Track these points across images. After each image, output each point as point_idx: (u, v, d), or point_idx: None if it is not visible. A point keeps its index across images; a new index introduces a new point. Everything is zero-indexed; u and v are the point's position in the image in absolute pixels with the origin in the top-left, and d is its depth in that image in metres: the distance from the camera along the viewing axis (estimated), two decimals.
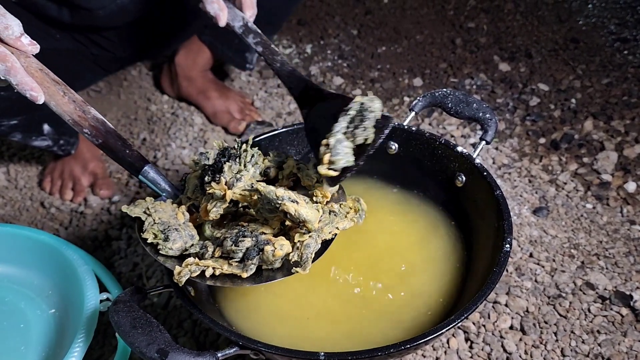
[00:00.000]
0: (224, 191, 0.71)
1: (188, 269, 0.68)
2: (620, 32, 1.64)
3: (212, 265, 0.69)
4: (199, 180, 0.76)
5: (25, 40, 0.67)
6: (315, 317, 0.81)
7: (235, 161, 0.74)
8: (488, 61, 1.57)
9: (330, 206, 0.76)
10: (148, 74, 1.56)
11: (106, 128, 0.70)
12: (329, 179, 0.71)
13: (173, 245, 0.71)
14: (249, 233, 0.70)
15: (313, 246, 0.69)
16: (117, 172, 1.30)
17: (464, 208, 0.88)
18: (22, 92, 0.65)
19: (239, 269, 0.69)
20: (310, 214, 0.68)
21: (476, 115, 0.87)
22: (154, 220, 0.72)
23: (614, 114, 1.35)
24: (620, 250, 1.04)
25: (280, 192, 0.68)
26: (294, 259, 0.69)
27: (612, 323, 0.93)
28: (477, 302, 0.66)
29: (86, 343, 0.77)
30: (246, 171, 0.74)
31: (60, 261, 0.92)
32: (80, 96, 0.70)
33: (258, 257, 0.69)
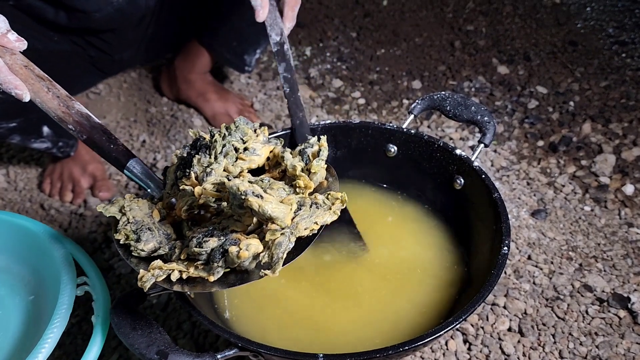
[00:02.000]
0: (194, 186, 0.67)
1: (151, 274, 0.64)
2: (618, 35, 1.64)
3: (177, 269, 0.64)
4: (174, 174, 0.72)
5: (11, 36, 0.66)
6: (314, 319, 0.81)
7: (205, 153, 0.69)
8: (487, 64, 1.58)
9: (314, 197, 0.69)
10: (148, 76, 1.57)
11: (91, 123, 0.68)
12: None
13: (145, 246, 0.67)
14: (218, 232, 0.64)
15: (285, 245, 0.62)
16: (116, 174, 1.31)
17: (463, 210, 0.88)
18: (7, 90, 0.64)
19: (205, 272, 0.64)
20: (277, 210, 0.62)
21: (474, 118, 0.88)
22: (128, 220, 0.69)
23: (612, 116, 1.36)
24: (618, 253, 1.05)
25: (243, 187, 0.62)
26: (264, 259, 0.63)
27: (609, 325, 0.93)
28: (476, 304, 0.67)
29: (61, 328, 0.74)
30: (217, 164, 0.68)
31: (39, 246, 0.89)
32: (64, 91, 0.69)
33: (223, 259, 0.63)
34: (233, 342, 0.66)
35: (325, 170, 0.73)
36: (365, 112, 1.45)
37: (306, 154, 0.72)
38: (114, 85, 1.54)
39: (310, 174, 0.71)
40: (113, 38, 1.19)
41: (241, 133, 0.71)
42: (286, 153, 0.72)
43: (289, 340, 0.79)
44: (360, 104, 1.48)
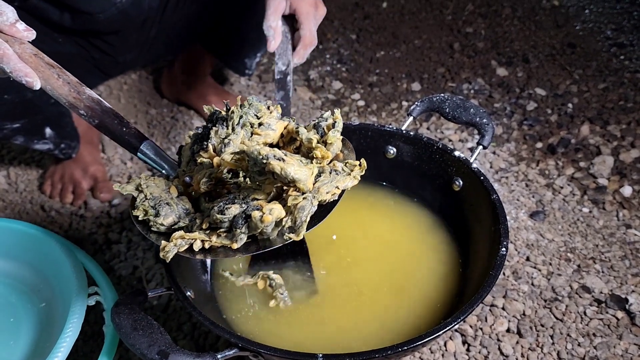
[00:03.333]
0: (212, 158, 0.67)
1: (174, 244, 0.64)
2: (616, 38, 1.65)
3: (199, 238, 0.64)
4: (190, 150, 0.72)
5: (20, 26, 0.66)
6: (313, 319, 0.82)
7: (222, 125, 0.69)
8: (486, 66, 1.58)
9: (333, 165, 0.69)
10: (148, 78, 1.57)
11: (102, 107, 0.68)
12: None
13: (164, 220, 0.67)
14: (239, 200, 0.64)
15: (308, 209, 0.62)
16: (117, 176, 1.31)
17: (461, 212, 0.89)
18: (18, 79, 0.64)
19: (229, 240, 0.64)
20: (300, 172, 0.61)
21: (473, 120, 0.88)
22: (145, 196, 0.68)
23: (611, 118, 1.36)
24: (616, 254, 1.05)
25: (264, 151, 0.61)
26: (287, 224, 0.63)
27: (607, 326, 0.94)
28: (474, 305, 0.67)
29: (73, 337, 0.75)
30: (235, 134, 0.68)
31: (50, 255, 0.90)
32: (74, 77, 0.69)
33: (246, 224, 0.63)
34: (233, 343, 0.66)
35: (341, 142, 0.72)
36: (364, 114, 1.46)
37: (321, 127, 0.71)
38: (114, 87, 1.54)
39: (327, 145, 0.70)
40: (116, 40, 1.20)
41: (255, 109, 0.71)
42: (301, 128, 0.71)
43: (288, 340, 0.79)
44: (360, 105, 1.49)
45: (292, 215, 0.63)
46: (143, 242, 1.14)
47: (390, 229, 0.94)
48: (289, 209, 0.63)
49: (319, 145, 0.69)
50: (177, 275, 0.74)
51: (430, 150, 0.91)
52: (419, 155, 0.93)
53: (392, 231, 0.93)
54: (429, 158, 0.92)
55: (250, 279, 0.85)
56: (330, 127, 0.71)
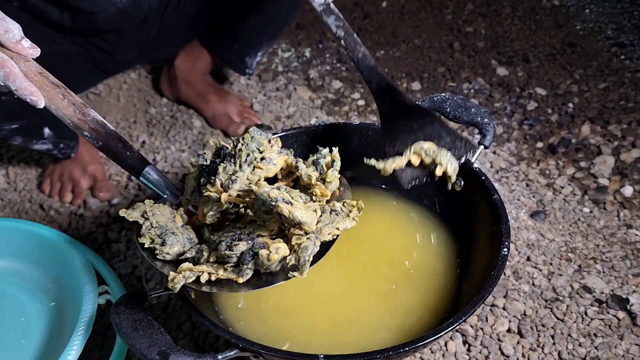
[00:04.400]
0: (220, 194, 0.69)
1: (182, 275, 0.67)
2: (617, 37, 1.65)
3: (207, 271, 0.67)
4: (196, 181, 0.74)
5: (25, 43, 0.67)
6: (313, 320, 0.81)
7: (230, 161, 0.72)
8: (486, 65, 1.58)
9: (332, 205, 0.72)
10: (147, 77, 1.57)
11: (106, 130, 0.70)
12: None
13: (170, 250, 0.70)
14: (245, 236, 0.68)
15: (311, 249, 0.66)
16: (116, 175, 1.31)
17: (463, 212, 0.88)
18: (22, 97, 0.65)
19: (235, 274, 0.67)
20: (306, 216, 0.65)
21: (474, 119, 0.88)
22: (152, 224, 0.71)
23: (611, 118, 1.36)
24: (617, 254, 1.05)
25: (274, 194, 0.65)
26: (291, 262, 0.67)
27: (608, 326, 0.94)
28: (475, 305, 0.67)
29: (85, 336, 0.76)
30: (242, 172, 0.71)
31: (59, 254, 0.91)
32: (80, 98, 0.70)
33: (253, 261, 0.67)
34: (234, 343, 0.66)
35: (338, 180, 0.76)
36: (364, 113, 1.45)
37: (320, 164, 0.74)
38: (114, 85, 1.54)
39: (325, 183, 0.74)
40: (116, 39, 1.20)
41: (257, 143, 0.73)
42: (299, 163, 0.74)
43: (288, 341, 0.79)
44: (360, 105, 1.48)
45: (295, 254, 0.67)
46: None
47: (390, 229, 0.94)
48: (293, 247, 0.67)
49: (318, 184, 0.72)
50: None
51: None
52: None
53: (392, 231, 0.93)
54: None
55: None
56: (329, 164, 0.74)
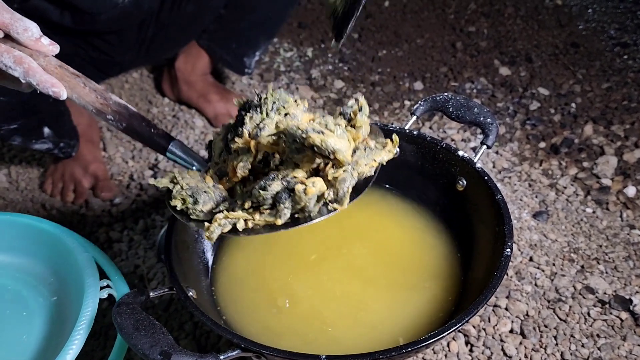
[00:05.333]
0: (248, 144, 0.68)
1: (218, 224, 0.66)
2: (620, 37, 1.64)
3: (242, 217, 0.65)
4: (223, 141, 0.73)
5: (44, 41, 0.67)
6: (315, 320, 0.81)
7: (256, 111, 0.70)
8: (488, 65, 1.58)
9: (365, 143, 0.70)
10: (149, 77, 1.57)
11: (129, 111, 0.71)
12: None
13: (203, 207, 0.69)
14: (279, 178, 0.65)
15: (349, 180, 0.64)
16: (118, 175, 1.31)
17: (465, 212, 0.88)
18: (45, 90, 0.65)
19: (272, 217, 0.65)
20: (339, 143, 0.62)
21: (477, 119, 0.88)
22: (182, 187, 0.70)
23: (614, 118, 1.36)
24: (620, 255, 1.05)
25: (303, 125, 0.63)
26: (329, 197, 0.64)
27: (611, 327, 0.93)
28: (478, 306, 0.67)
29: (86, 331, 0.76)
30: (269, 119, 0.69)
31: (60, 248, 0.91)
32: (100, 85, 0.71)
33: (289, 199, 0.64)
34: (236, 343, 0.66)
35: (369, 126, 0.73)
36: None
37: (348, 113, 0.72)
38: (116, 85, 1.54)
39: (356, 128, 0.71)
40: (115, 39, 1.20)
41: (283, 101, 0.72)
42: (327, 116, 0.71)
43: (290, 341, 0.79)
44: None
45: (333, 188, 0.64)
46: (144, 241, 1.13)
47: (392, 229, 0.93)
48: (330, 182, 0.64)
49: (349, 128, 0.69)
50: (179, 275, 0.74)
51: (433, 149, 0.90)
52: (422, 155, 0.92)
53: (394, 231, 0.93)
54: (432, 158, 0.91)
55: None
56: (356, 112, 0.71)
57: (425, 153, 0.91)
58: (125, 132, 0.71)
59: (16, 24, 0.65)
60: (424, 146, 0.91)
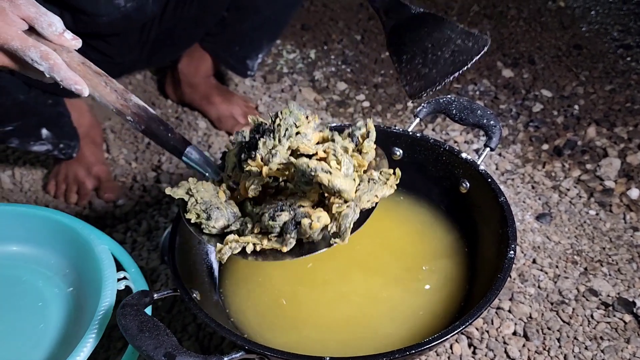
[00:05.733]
0: (260, 168, 0.71)
1: (229, 247, 0.69)
2: (623, 39, 1.64)
3: (252, 241, 0.69)
4: (236, 157, 0.76)
5: (68, 35, 0.68)
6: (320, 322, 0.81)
7: (269, 136, 0.73)
8: (491, 67, 1.58)
9: (369, 174, 0.74)
10: (152, 79, 1.57)
11: (148, 114, 0.72)
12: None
13: (216, 224, 0.72)
14: (287, 207, 0.69)
15: (351, 216, 0.68)
16: (121, 176, 1.31)
17: (468, 214, 0.88)
18: (67, 86, 0.66)
19: (279, 244, 0.69)
20: (345, 184, 0.67)
21: (480, 122, 0.88)
22: (197, 200, 0.73)
23: (617, 120, 1.36)
24: (624, 257, 1.05)
25: (312, 164, 0.67)
26: (332, 230, 0.68)
27: (615, 330, 0.93)
28: (482, 308, 0.67)
29: (105, 321, 0.77)
30: (281, 146, 0.72)
31: (76, 240, 0.92)
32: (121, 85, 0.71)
33: (296, 230, 0.68)
34: (240, 345, 0.66)
35: (374, 151, 0.76)
36: (369, 115, 1.45)
37: (356, 136, 0.75)
38: None
39: (362, 154, 0.75)
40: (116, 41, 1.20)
41: (294, 118, 0.74)
42: (336, 136, 0.74)
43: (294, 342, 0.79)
44: (365, 106, 1.48)
45: (336, 222, 0.68)
46: (148, 243, 1.14)
47: (396, 231, 0.93)
48: (334, 215, 0.69)
49: (355, 154, 0.73)
50: (184, 276, 0.74)
51: (437, 152, 0.90)
52: (425, 157, 0.92)
53: (398, 233, 0.93)
54: (435, 160, 0.91)
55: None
56: (364, 136, 0.75)
57: (429, 155, 0.91)
58: (143, 133, 0.72)
59: (41, 19, 0.66)
60: (427, 148, 0.91)
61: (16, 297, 0.92)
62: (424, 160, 0.92)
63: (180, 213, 0.75)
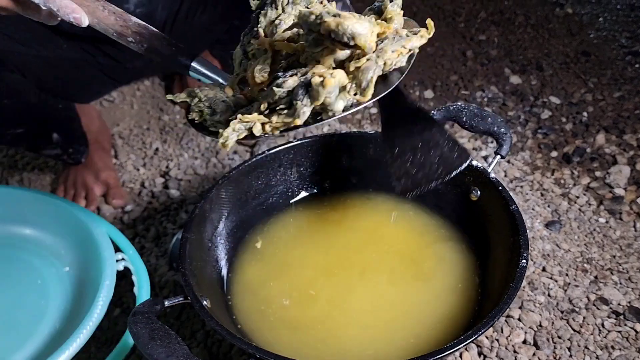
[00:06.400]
0: (264, 44, 0.62)
1: (232, 128, 0.60)
2: (631, 46, 1.64)
3: (258, 120, 0.60)
4: (241, 48, 0.69)
5: None
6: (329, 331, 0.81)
7: (271, 7, 0.64)
8: (499, 74, 1.58)
9: (396, 32, 0.62)
10: (161, 84, 1.57)
11: (149, 31, 0.69)
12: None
13: (221, 116, 0.64)
14: (297, 73, 0.59)
15: (373, 68, 0.57)
16: (129, 182, 1.31)
17: (479, 222, 0.88)
18: (65, 16, 0.64)
19: (290, 117, 0.59)
20: (359, 26, 0.54)
21: (491, 129, 0.87)
22: (200, 99, 0.66)
23: (626, 127, 1.35)
24: (634, 265, 1.04)
25: (317, 10, 0.56)
26: (352, 90, 0.58)
27: (626, 339, 0.92)
28: (494, 318, 0.66)
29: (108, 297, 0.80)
30: (286, 14, 0.64)
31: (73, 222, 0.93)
32: (119, 8, 0.69)
33: (307, 95, 0.57)
34: (251, 353, 0.65)
35: (402, 18, 0.65)
36: (377, 121, 1.45)
37: (377, 6, 0.64)
38: (127, 93, 1.54)
39: (387, 21, 0.63)
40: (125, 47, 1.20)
41: (306, 1, 0.66)
42: (352, 13, 0.62)
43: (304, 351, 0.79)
44: (373, 113, 1.48)
45: (356, 79, 0.58)
46: (156, 249, 1.14)
47: (404, 238, 0.93)
48: (352, 74, 0.58)
49: (379, 21, 0.62)
50: (194, 284, 0.74)
51: None
52: None
53: (406, 240, 0.93)
54: None
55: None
56: (386, 4, 0.64)
57: None
58: (146, 53, 0.69)
59: None
60: None
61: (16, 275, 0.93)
62: None
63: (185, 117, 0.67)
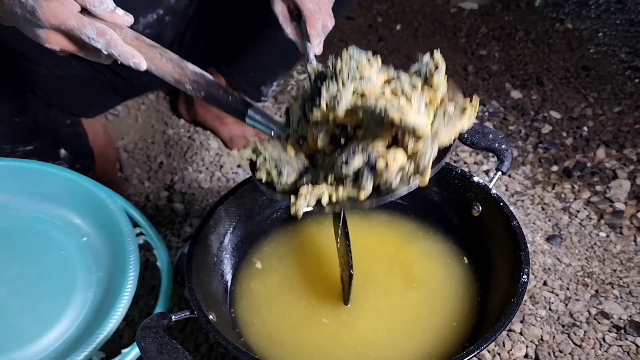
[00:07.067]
0: (326, 115, 0.67)
1: (303, 198, 0.65)
2: (631, 61, 1.66)
3: (326, 191, 0.65)
4: (300, 110, 0.72)
5: (119, 12, 0.69)
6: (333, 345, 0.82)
7: (332, 81, 0.68)
8: (500, 88, 1.59)
9: (444, 106, 0.67)
10: (165, 98, 1.59)
11: (206, 80, 0.71)
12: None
13: (288, 179, 0.69)
14: (359, 150, 0.64)
15: (429, 153, 0.62)
16: (134, 195, 1.32)
17: (480, 237, 0.89)
18: (125, 61, 0.67)
19: (355, 191, 0.65)
20: (419, 119, 0.60)
21: (492, 145, 0.89)
22: (265, 158, 0.70)
23: (627, 142, 1.36)
24: (635, 279, 1.05)
25: (381, 102, 0.61)
26: (410, 171, 0.63)
27: (627, 353, 0.93)
28: (496, 332, 0.67)
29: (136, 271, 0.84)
30: (345, 90, 0.67)
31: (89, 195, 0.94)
32: (175, 55, 0.71)
33: (371, 174, 0.64)
34: None
35: (446, 84, 0.69)
36: None
37: (423, 71, 0.68)
38: (132, 107, 1.56)
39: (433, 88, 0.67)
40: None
41: (356, 62, 0.69)
42: (402, 74, 0.68)
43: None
44: None
45: (414, 161, 0.63)
46: None
47: (406, 253, 0.94)
48: (410, 155, 0.63)
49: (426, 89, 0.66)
50: (200, 298, 0.75)
51: (448, 175, 0.91)
52: (437, 180, 0.93)
53: (408, 255, 0.94)
54: (447, 183, 0.92)
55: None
56: (432, 71, 0.67)
57: (440, 178, 0.92)
58: (204, 100, 0.71)
59: None
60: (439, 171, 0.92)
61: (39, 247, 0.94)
62: (435, 183, 0.93)
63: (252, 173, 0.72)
